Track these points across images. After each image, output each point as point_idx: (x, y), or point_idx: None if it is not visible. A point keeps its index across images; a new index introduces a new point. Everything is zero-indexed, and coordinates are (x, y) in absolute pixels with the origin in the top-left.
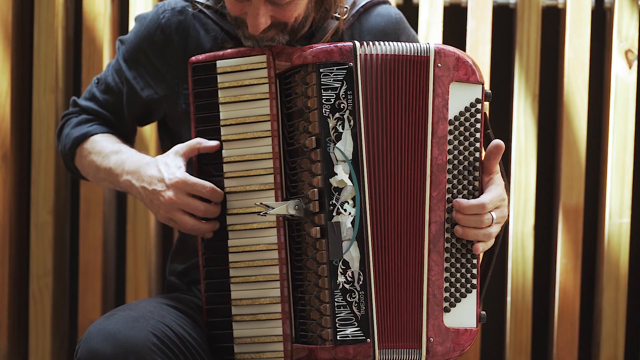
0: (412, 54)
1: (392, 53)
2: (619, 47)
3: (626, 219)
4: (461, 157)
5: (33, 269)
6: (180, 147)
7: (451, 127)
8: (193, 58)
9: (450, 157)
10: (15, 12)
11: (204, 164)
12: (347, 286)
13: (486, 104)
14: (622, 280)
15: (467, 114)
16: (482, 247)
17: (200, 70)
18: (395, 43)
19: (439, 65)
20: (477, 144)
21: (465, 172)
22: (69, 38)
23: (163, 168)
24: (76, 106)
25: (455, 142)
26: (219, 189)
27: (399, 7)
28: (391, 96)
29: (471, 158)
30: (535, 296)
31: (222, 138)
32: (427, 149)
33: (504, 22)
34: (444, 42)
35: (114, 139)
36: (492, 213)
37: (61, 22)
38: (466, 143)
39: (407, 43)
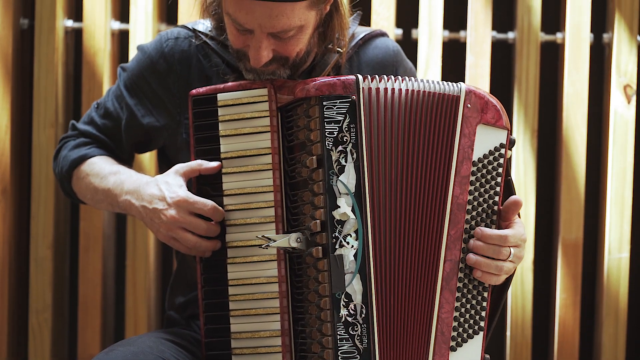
0: (442, 91)
1: (418, 89)
2: (618, 82)
3: (625, 254)
4: (481, 199)
5: (32, 303)
6: (180, 167)
7: (474, 169)
8: (194, 91)
9: (470, 197)
10: (16, 47)
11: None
12: (349, 319)
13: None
14: (622, 315)
15: (491, 157)
16: (479, 274)
17: (201, 102)
18: (423, 80)
19: (469, 105)
20: (498, 188)
21: (484, 215)
22: (69, 73)
23: (164, 187)
24: (75, 130)
25: (477, 184)
26: (220, 208)
27: (398, 42)
28: (409, 131)
29: (490, 201)
30: (534, 331)
31: (223, 171)
32: (450, 187)
33: (503, 57)
34: (443, 78)
35: (112, 160)
36: (512, 248)
37: (61, 58)
38: (487, 186)
39: (436, 80)
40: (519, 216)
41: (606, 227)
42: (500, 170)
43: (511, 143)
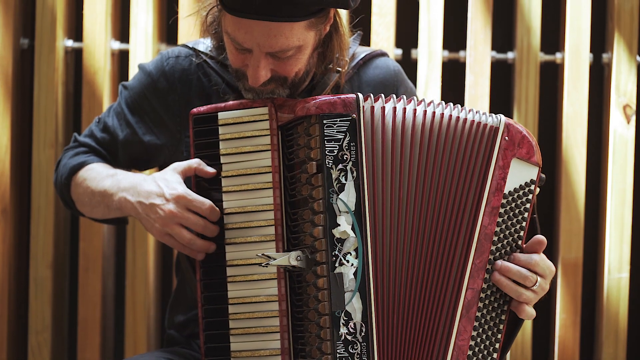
0: (481, 120)
1: (449, 114)
2: (617, 102)
3: (625, 274)
4: (507, 232)
5: (32, 323)
6: (178, 165)
7: (504, 201)
8: (194, 110)
9: (497, 229)
10: (16, 67)
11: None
12: (349, 337)
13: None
14: (622, 335)
15: (521, 192)
16: (519, 302)
17: (201, 121)
18: (460, 106)
19: (506, 138)
20: (524, 223)
21: (508, 248)
22: (69, 93)
23: (162, 184)
24: (75, 141)
25: (505, 217)
26: (216, 208)
27: (398, 62)
28: (432, 153)
29: (515, 235)
30: (534, 351)
31: (223, 189)
32: (479, 216)
33: (502, 77)
34: (442, 98)
35: (109, 166)
36: (538, 277)
37: (61, 77)
38: (514, 220)
39: (476, 109)
40: None
41: (606, 247)
42: (527, 205)
43: (541, 181)
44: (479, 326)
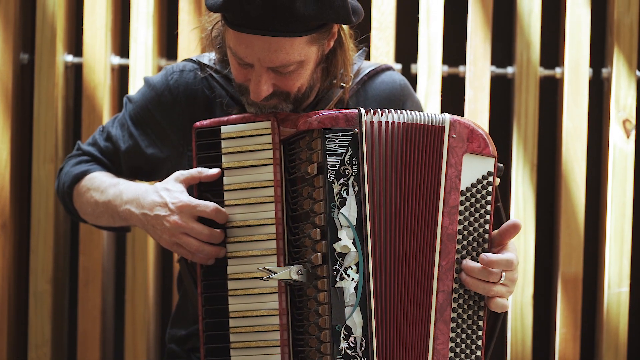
0: (427, 123)
1: (405, 121)
2: (617, 116)
3: (625, 288)
4: (471, 229)
5: (32, 338)
6: (180, 174)
7: (462, 198)
8: (197, 123)
9: (460, 227)
10: (16, 82)
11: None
12: (349, 352)
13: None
14: (622, 350)
15: (479, 186)
16: (495, 297)
17: (204, 135)
18: (409, 112)
19: (454, 136)
20: (487, 217)
21: (475, 244)
22: (68, 107)
23: (165, 194)
24: (78, 150)
25: (466, 213)
26: (222, 209)
27: None
28: (401, 164)
29: (481, 230)
30: None
31: (225, 203)
32: (438, 218)
33: (502, 92)
34: (442, 112)
35: (112, 175)
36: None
37: (61, 92)
38: (476, 215)
39: (421, 112)
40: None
41: (606, 262)
42: (489, 198)
43: (499, 170)
44: (456, 327)
